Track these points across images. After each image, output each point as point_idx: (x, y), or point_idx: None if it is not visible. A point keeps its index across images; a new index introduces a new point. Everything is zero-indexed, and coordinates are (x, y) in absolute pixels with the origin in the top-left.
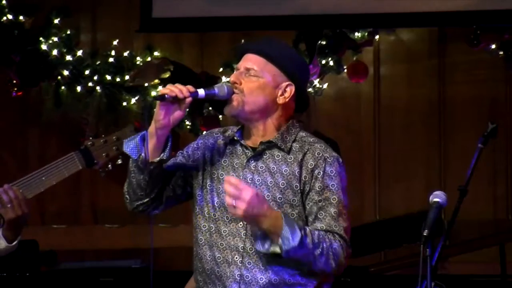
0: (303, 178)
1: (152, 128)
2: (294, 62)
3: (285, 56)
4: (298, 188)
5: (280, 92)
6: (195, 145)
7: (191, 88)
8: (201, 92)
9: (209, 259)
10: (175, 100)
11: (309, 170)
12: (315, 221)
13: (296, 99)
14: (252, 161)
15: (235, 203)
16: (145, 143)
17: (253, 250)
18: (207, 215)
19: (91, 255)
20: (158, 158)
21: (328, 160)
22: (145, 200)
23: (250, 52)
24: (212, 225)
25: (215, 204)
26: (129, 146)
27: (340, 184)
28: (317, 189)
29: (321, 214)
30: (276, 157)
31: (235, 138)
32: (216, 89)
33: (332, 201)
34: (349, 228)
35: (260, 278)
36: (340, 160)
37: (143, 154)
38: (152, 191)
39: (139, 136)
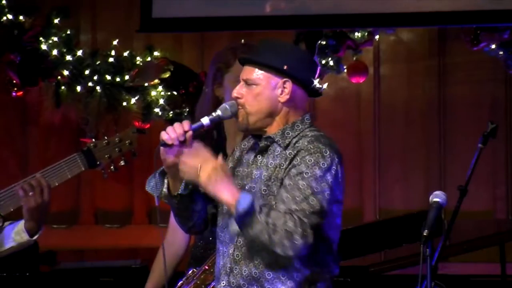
0: (287, 170)
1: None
2: (284, 58)
3: (272, 56)
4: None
5: (279, 91)
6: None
7: (186, 125)
8: (205, 121)
9: (220, 253)
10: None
11: (292, 159)
12: (278, 203)
13: (304, 88)
14: (259, 157)
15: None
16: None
17: (241, 243)
18: (223, 211)
19: (91, 255)
20: (177, 192)
21: (311, 150)
22: (190, 225)
23: (244, 64)
24: (220, 220)
25: None
26: (150, 185)
27: (316, 174)
28: (291, 174)
29: (287, 198)
30: (275, 152)
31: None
32: (219, 111)
33: (300, 186)
34: (317, 215)
35: (244, 270)
36: (327, 152)
37: (165, 189)
38: (190, 218)
39: (157, 174)
